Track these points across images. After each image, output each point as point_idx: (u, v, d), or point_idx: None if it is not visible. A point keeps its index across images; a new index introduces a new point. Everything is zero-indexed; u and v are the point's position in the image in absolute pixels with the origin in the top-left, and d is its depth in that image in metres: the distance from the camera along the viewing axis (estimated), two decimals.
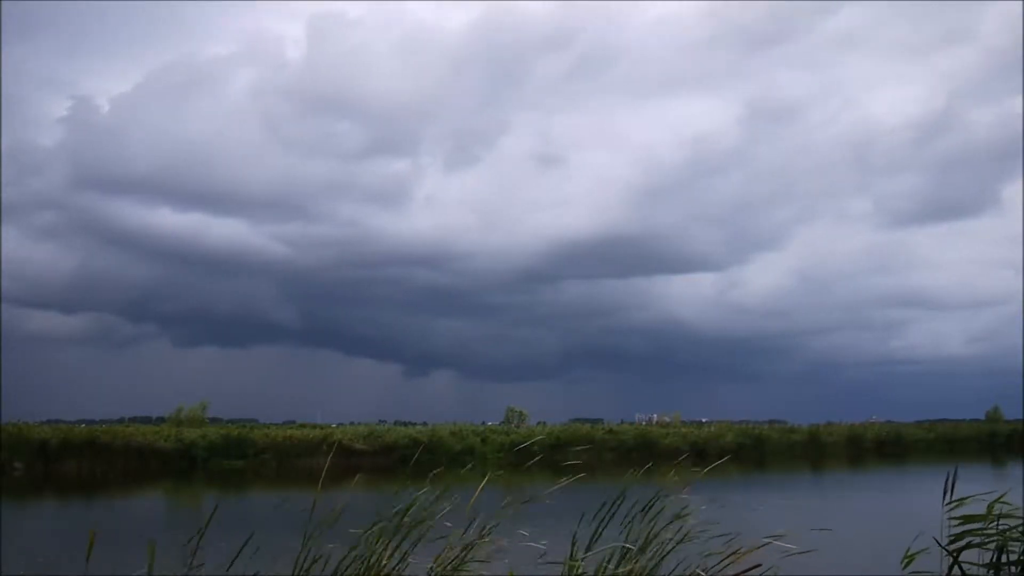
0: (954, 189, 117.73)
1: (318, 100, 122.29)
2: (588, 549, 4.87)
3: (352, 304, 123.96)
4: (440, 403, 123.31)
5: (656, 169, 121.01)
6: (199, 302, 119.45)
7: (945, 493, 3.92)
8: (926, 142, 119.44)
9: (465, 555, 4.87)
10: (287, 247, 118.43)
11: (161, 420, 60.34)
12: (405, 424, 67.27)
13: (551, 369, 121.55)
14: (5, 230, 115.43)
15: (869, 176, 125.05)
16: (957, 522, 3.84)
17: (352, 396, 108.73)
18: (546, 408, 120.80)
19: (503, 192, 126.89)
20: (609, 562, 4.84)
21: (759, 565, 4.86)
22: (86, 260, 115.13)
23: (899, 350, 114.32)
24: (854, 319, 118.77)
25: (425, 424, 63.74)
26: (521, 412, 64.88)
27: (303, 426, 58.26)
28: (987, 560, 3.64)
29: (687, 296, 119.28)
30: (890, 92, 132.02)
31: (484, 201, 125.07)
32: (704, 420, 75.94)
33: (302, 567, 4.66)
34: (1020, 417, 63.70)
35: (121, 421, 65.33)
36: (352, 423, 61.60)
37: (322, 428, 55.98)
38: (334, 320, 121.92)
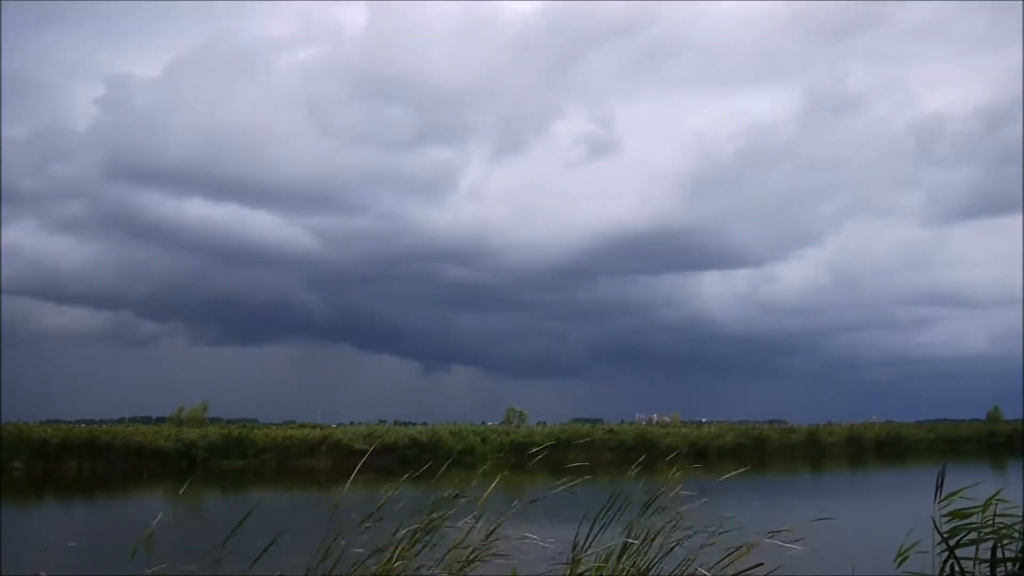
0: (1007, 184, 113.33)
1: (371, 82, 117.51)
2: (589, 547, 4.88)
3: (380, 300, 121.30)
4: (458, 400, 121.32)
5: (707, 161, 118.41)
6: (221, 299, 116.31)
7: (936, 490, 3.93)
8: (988, 136, 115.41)
9: (471, 555, 4.88)
10: (320, 240, 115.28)
11: (161, 420, 60.38)
12: (405, 424, 67.28)
13: (575, 367, 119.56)
14: (25, 219, 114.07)
15: (925, 170, 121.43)
16: (949, 519, 3.86)
17: (369, 393, 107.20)
18: (569, 406, 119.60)
19: (548, 183, 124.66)
20: (610, 559, 4.86)
21: (761, 564, 4.87)
22: (107, 252, 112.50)
23: (920, 349, 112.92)
24: (881, 317, 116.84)
25: (425, 424, 63.76)
26: (521, 412, 64.87)
27: (303, 426, 58.26)
28: (982, 557, 3.66)
29: (721, 293, 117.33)
30: (959, 85, 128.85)
31: (528, 192, 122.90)
32: (704, 420, 76.00)
33: (314, 567, 4.67)
34: (1020, 417, 63.79)
35: (121, 421, 65.39)
36: (352, 423, 61.63)
37: (322, 428, 55.99)
38: (357, 316, 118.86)
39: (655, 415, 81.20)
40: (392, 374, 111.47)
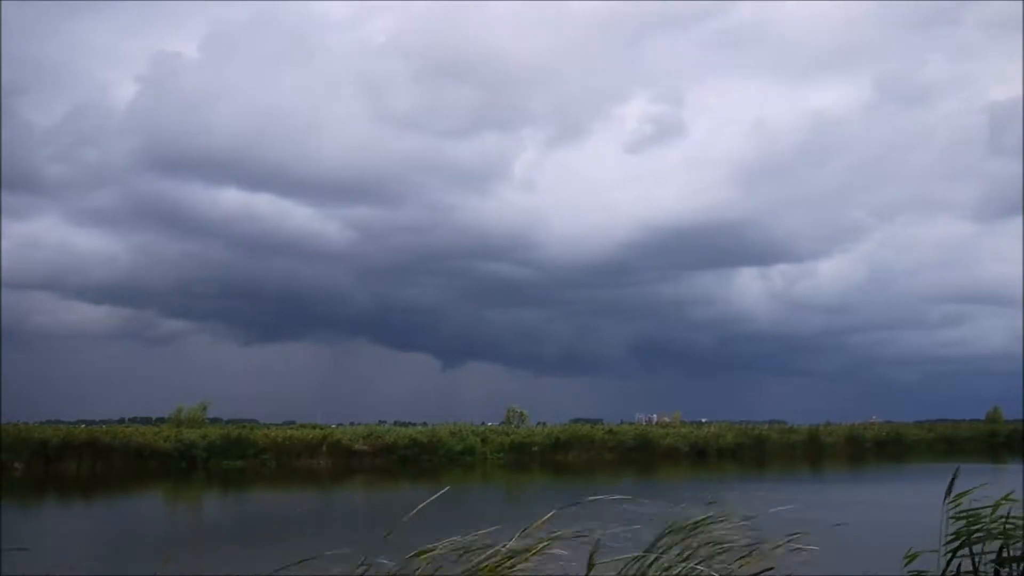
0: None
1: (433, 62, 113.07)
2: (607, 553, 4.85)
3: (410, 296, 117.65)
4: (476, 398, 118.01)
5: (765, 152, 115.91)
6: (245, 294, 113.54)
7: (948, 492, 3.91)
8: None
9: (496, 560, 4.82)
10: (355, 233, 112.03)
11: (161, 421, 60.35)
12: (404, 424, 67.22)
13: (600, 365, 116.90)
14: (47, 210, 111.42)
15: (985, 164, 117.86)
16: (958, 520, 3.84)
17: (386, 391, 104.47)
18: (595, 403, 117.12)
19: (602, 171, 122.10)
20: (629, 567, 4.82)
21: (772, 568, 4.85)
22: (128, 245, 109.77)
23: (943, 348, 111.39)
24: (910, 316, 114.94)
25: (425, 424, 63.72)
26: (521, 412, 64.85)
27: (303, 426, 58.27)
28: (989, 557, 3.65)
29: (757, 290, 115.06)
30: None
31: (580, 181, 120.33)
32: (704, 420, 75.96)
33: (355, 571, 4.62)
34: (1020, 417, 63.81)
35: (121, 422, 65.37)
36: (352, 423, 61.59)
37: (322, 428, 55.98)
38: (384, 312, 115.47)
39: (655, 415, 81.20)
40: (411, 371, 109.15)
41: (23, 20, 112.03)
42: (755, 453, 57.04)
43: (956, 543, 3.66)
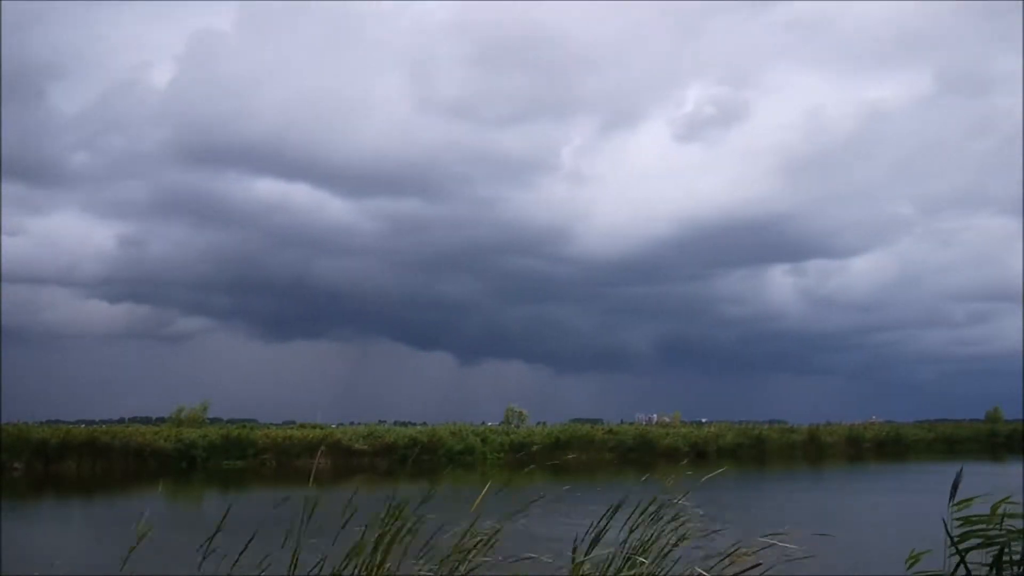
0: None
1: (489, 44, 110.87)
2: (589, 551, 4.85)
3: (437, 293, 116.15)
4: (496, 396, 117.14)
5: (815, 143, 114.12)
6: (267, 291, 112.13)
7: (952, 494, 3.89)
8: None
9: (466, 556, 4.84)
10: (389, 227, 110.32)
11: (161, 421, 60.37)
12: (404, 424, 67.22)
13: (622, 363, 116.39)
14: (68, 203, 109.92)
15: None
16: (960, 523, 3.83)
17: (404, 390, 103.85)
18: (621, 401, 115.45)
19: (649, 163, 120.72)
20: (610, 566, 4.83)
21: (759, 564, 4.85)
22: (143, 240, 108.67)
23: (963, 347, 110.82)
24: (935, 315, 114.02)
25: (425, 424, 63.72)
26: (520, 412, 64.85)
27: (303, 426, 58.28)
28: (988, 561, 3.65)
29: (788, 288, 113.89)
30: None
31: (625, 173, 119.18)
32: (704, 420, 75.97)
33: (295, 567, 4.62)
34: (1020, 417, 63.79)
35: (121, 422, 65.39)
36: (352, 423, 61.60)
37: (322, 428, 56.01)
38: (407, 310, 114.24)
39: (655, 415, 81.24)
40: (428, 370, 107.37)
41: (52, 7, 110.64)
42: (755, 453, 57.08)
43: (960, 546, 3.66)
